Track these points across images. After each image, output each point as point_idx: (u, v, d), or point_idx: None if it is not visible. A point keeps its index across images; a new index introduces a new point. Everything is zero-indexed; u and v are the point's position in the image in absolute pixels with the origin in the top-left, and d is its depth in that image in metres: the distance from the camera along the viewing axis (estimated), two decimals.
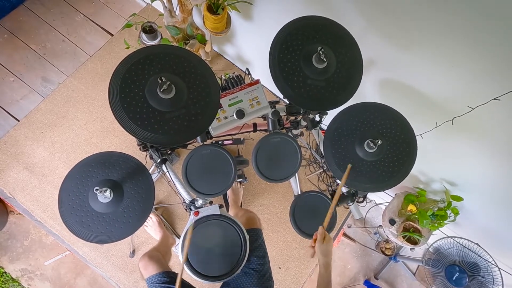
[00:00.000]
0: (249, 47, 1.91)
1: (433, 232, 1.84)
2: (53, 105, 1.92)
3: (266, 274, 1.12)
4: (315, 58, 1.03)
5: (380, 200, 2.36)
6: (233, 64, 2.16)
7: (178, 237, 1.83)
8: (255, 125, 1.41)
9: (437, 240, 1.93)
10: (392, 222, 1.85)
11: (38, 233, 2.08)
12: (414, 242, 1.81)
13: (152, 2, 1.54)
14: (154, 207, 1.87)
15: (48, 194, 1.80)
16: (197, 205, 1.18)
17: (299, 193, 1.85)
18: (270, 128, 1.25)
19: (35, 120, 1.89)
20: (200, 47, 1.73)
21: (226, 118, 1.14)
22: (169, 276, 1.15)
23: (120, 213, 1.02)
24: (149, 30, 1.59)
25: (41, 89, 2.03)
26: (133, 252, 1.81)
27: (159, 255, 1.28)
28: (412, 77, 1.28)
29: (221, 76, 1.30)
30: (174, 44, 1.75)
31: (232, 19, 1.57)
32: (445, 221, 1.70)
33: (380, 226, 2.39)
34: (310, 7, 1.31)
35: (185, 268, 1.01)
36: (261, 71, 1.94)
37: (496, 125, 1.19)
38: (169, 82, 0.89)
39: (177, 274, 1.19)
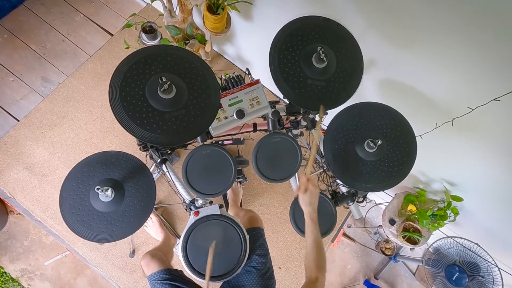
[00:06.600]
0: (249, 47, 1.91)
1: (433, 232, 1.85)
2: (53, 105, 1.92)
3: (267, 272, 1.12)
4: (315, 57, 1.03)
5: (380, 200, 2.36)
6: (233, 64, 2.16)
7: (178, 237, 1.83)
8: (255, 125, 1.41)
9: (437, 240, 1.93)
10: (392, 222, 1.85)
11: (38, 233, 2.08)
12: (414, 242, 1.81)
13: (152, 2, 1.54)
14: (154, 207, 1.87)
15: (48, 194, 1.80)
16: (197, 205, 1.18)
17: None
18: (270, 128, 1.25)
19: (35, 120, 1.89)
20: (200, 47, 1.73)
21: (226, 118, 1.14)
22: (170, 274, 1.16)
23: (121, 212, 1.02)
24: (149, 30, 1.59)
25: (41, 89, 2.03)
26: (133, 252, 1.81)
27: (161, 254, 1.28)
28: (412, 77, 1.28)
29: (221, 76, 1.30)
30: (174, 44, 1.75)
31: (232, 19, 1.57)
32: (445, 221, 1.70)
33: (380, 226, 2.39)
34: (310, 7, 1.31)
35: (185, 268, 1.01)
36: (261, 71, 1.93)
37: (496, 126, 1.19)
38: (169, 82, 0.89)
39: (179, 271, 1.20)
